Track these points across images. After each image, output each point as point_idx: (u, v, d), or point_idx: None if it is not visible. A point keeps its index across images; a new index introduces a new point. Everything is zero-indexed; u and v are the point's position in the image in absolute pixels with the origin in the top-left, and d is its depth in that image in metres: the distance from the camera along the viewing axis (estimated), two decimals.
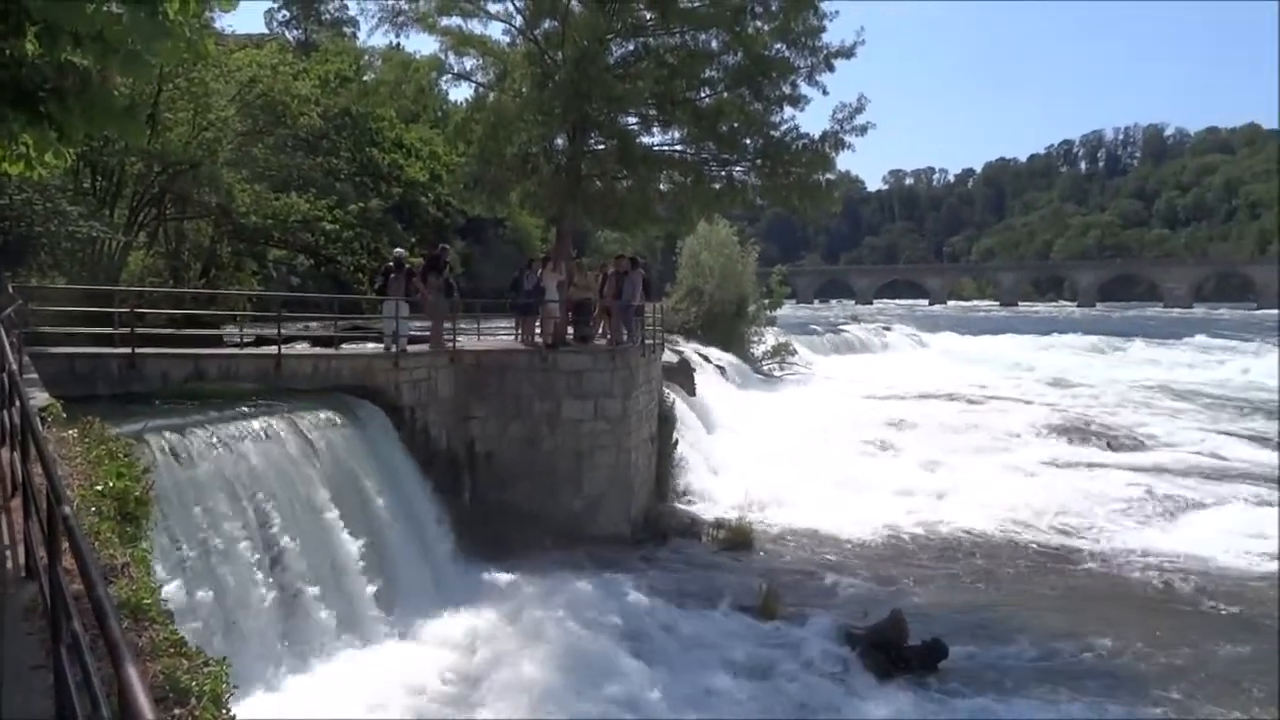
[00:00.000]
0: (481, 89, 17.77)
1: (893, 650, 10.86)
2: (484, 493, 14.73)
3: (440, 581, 11.95)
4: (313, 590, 9.34)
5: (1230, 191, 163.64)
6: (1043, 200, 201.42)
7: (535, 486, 14.82)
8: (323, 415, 11.18)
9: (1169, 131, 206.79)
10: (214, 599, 7.99)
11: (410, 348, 14.42)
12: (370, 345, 15.94)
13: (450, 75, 17.75)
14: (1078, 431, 26.18)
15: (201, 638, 7.01)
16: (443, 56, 17.40)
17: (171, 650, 3.76)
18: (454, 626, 10.81)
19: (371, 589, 10.25)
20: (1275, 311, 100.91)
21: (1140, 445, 25.00)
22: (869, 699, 9.90)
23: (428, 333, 15.43)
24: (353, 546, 10.13)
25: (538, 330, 16.02)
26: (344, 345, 15.34)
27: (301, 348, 14.59)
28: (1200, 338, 55.76)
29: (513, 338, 17.50)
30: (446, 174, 23.60)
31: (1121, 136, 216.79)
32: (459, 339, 15.54)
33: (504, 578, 12.50)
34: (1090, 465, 22.12)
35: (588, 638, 10.51)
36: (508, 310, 18.64)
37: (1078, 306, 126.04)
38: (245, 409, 10.49)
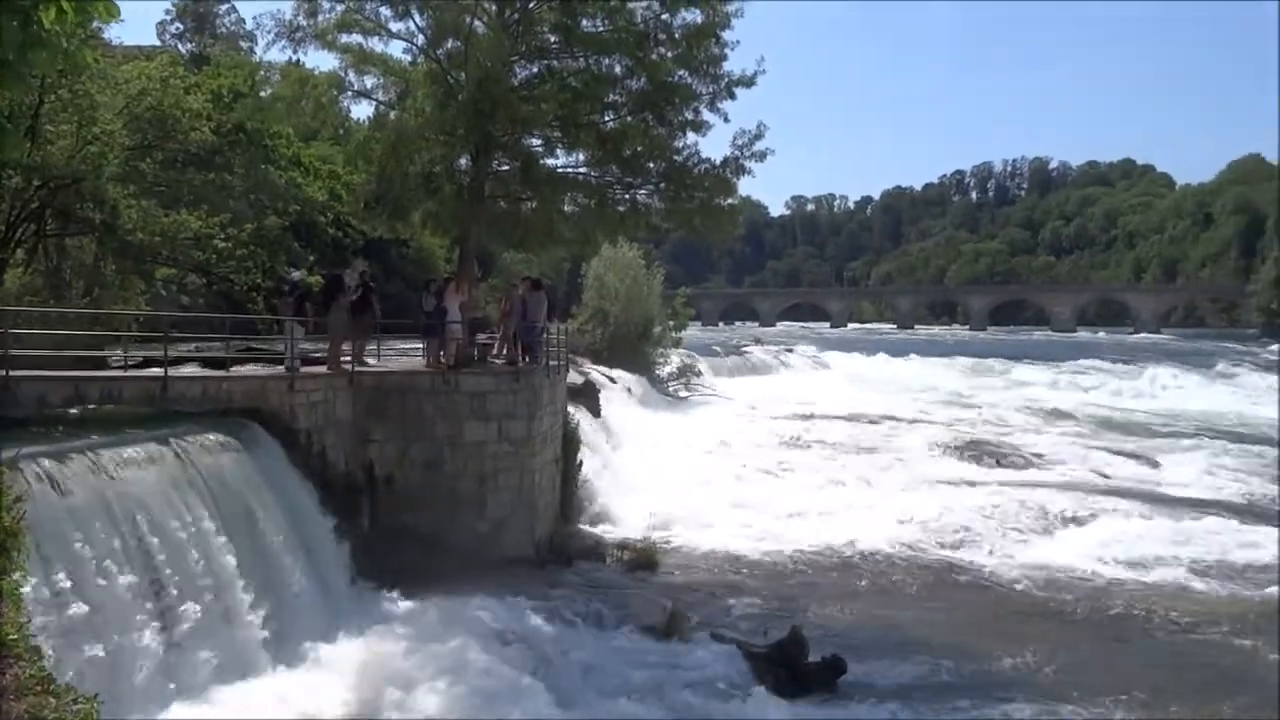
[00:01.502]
0: (383, 107, 17.53)
1: (793, 667, 11.01)
2: (384, 517, 14.41)
3: (336, 609, 11.61)
4: (198, 621, 8.96)
5: (1110, 222, 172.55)
6: (937, 228, 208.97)
7: (437, 510, 14.56)
8: (211, 439, 10.78)
9: (1053, 165, 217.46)
10: (91, 632, 7.59)
11: (306, 369, 14.06)
12: (266, 367, 15.45)
13: (351, 93, 17.46)
14: (970, 450, 27.09)
15: (76, 673, 6.66)
16: (342, 74, 17.10)
17: (38, 688, 3.58)
18: (350, 655, 10.47)
19: (262, 618, 9.87)
20: (1150, 335, 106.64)
21: (1028, 463, 26.00)
22: (770, 716, 10.00)
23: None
24: (241, 575, 9.75)
25: (442, 352, 15.80)
26: (238, 367, 14.84)
27: (191, 370, 14.07)
28: (1084, 360, 58.41)
29: (420, 359, 17.15)
30: (346, 193, 23.11)
31: (1009, 168, 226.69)
32: (368, 360, 15.27)
33: (404, 604, 12.22)
34: (981, 483, 22.89)
35: (489, 663, 10.34)
36: (410, 332, 18.39)
37: (970, 329, 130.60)
38: (129, 433, 10.03)
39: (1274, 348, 75.37)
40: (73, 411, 10.43)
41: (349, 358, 14.93)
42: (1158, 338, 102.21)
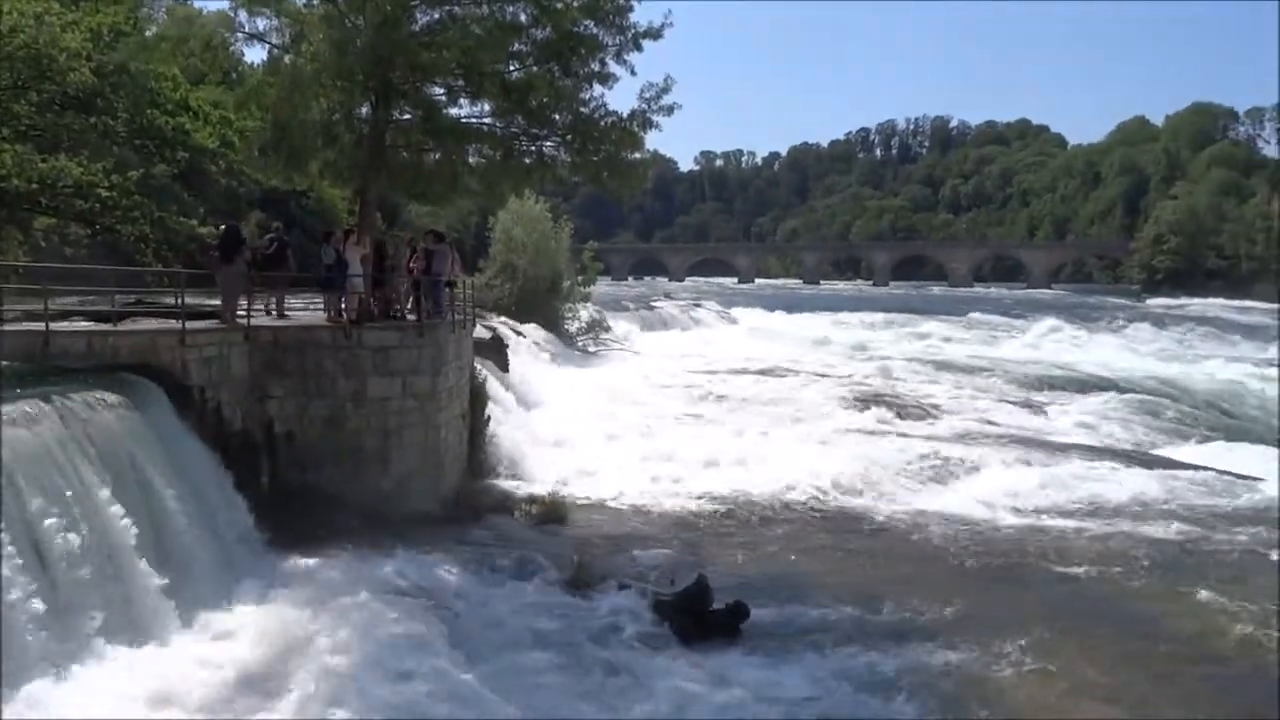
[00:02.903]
0: (276, 51, 16.81)
1: (698, 614, 11.23)
2: (284, 475, 14.09)
3: (235, 570, 11.34)
4: (87, 587, 8.65)
5: (1006, 180, 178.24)
6: (842, 184, 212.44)
7: (340, 467, 14.30)
8: (97, 396, 10.32)
9: (953, 124, 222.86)
10: None
11: (199, 324, 13.55)
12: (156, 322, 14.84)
13: (242, 34, 16.69)
14: (870, 401, 27.79)
15: None
16: (232, 14, 16.31)
17: None
18: (250, 615, 10.27)
19: (156, 582, 9.56)
20: (1041, 290, 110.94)
21: (925, 413, 26.84)
22: (675, 662, 10.19)
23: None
24: (132, 537, 9.41)
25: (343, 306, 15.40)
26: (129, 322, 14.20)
27: (76, 324, 13.41)
28: (979, 314, 60.45)
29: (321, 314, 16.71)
30: (239, 140, 22.17)
31: (912, 126, 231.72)
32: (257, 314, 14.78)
33: (306, 563, 11.99)
34: (881, 433, 23.57)
35: (394, 621, 10.26)
36: (310, 286, 17.87)
37: (873, 285, 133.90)
38: (7, 391, 9.53)
39: (1153, 302, 79.39)
40: None
41: (244, 312, 14.44)
42: (1048, 293, 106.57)
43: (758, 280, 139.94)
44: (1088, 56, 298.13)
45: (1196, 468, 20.48)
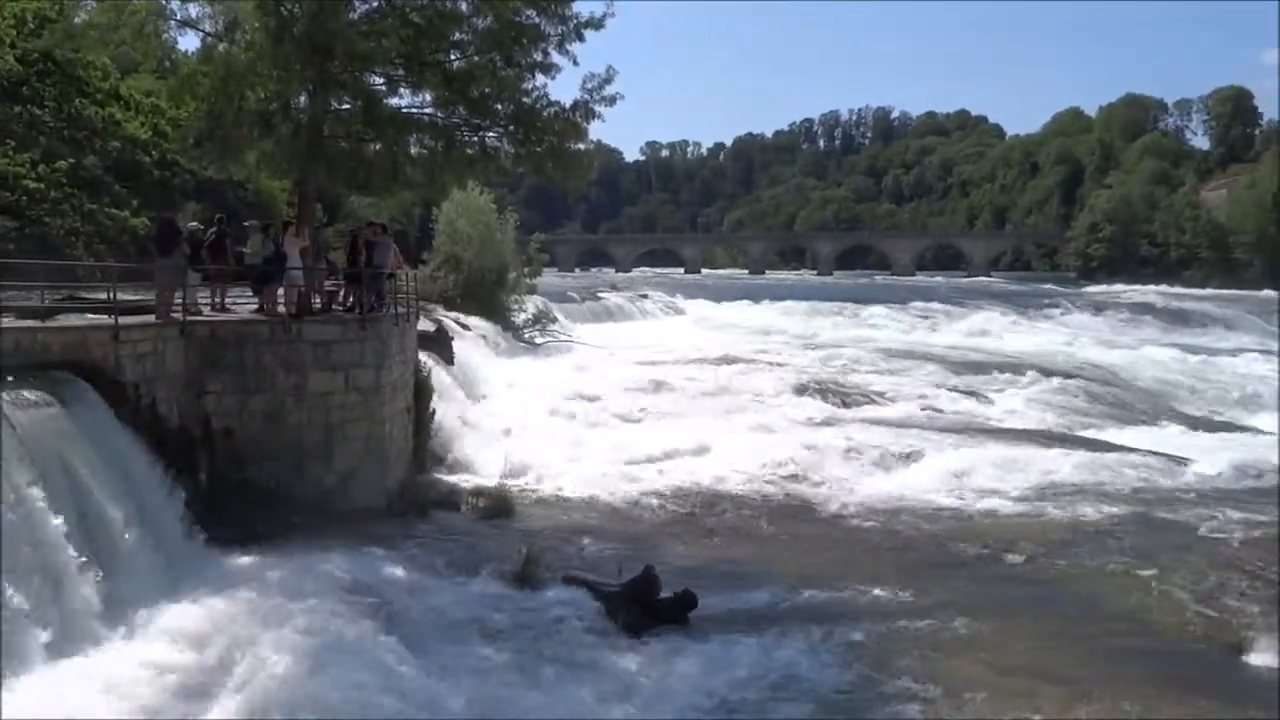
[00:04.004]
0: (211, 39, 16.42)
1: (646, 605, 11.24)
2: (223, 472, 13.80)
3: (175, 570, 11.07)
4: (16, 590, 8.38)
5: (946, 171, 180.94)
6: (787, 174, 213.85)
7: (281, 463, 14.06)
8: (26, 395, 9.99)
9: (895, 114, 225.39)
10: None
11: (134, 319, 13.18)
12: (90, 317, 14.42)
13: (175, 22, 16.27)
14: (817, 390, 28.06)
15: None
16: (165, 1, 15.91)
17: None
18: (189, 617, 10.01)
19: (89, 584, 9.31)
20: (981, 279, 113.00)
21: (871, 401, 27.19)
22: (622, 652, 10.20)
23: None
24: (64, 537, 9.14)
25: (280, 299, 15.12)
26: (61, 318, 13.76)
27: (6, 321, 12.96)
28: (921, 302, 61.36)
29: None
30: (172, 130, 21.62)
31: (855, 117, 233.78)
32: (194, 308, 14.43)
33: (246, 561, 11.79)
34: (827, 421, 23.83)
35: (339, 619, 10.11)
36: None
37: (818, 274, 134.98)
38: None
39: (1090, 289, 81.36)
40: None
41: (180, 307, 14.09)
42: (988, 280, 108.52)
43: (704, 270, 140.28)
44: (1024, 49, 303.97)
45: (1132, 450, 21.04)
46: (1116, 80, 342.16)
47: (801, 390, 27.99)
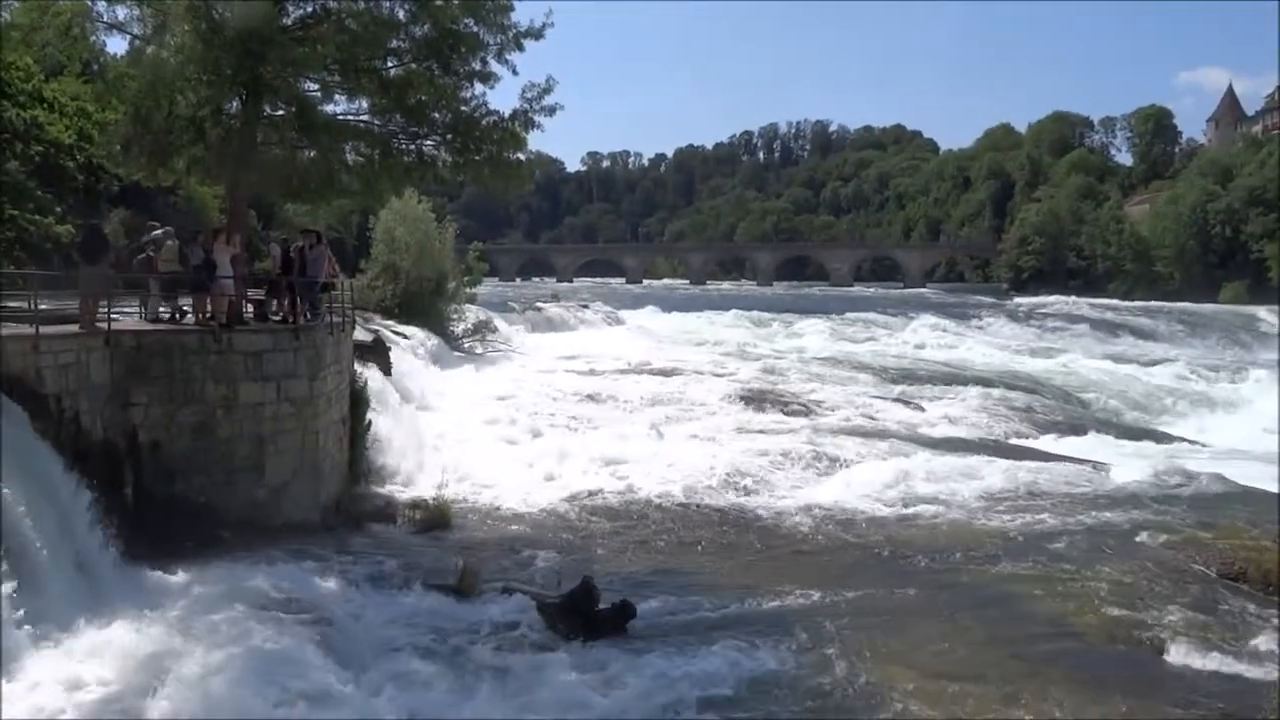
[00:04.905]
0: (139, 42, 16.04)
1: (584, 615, 11.22)
2: (150, 486, 13.41)
3: (98, 588, 10.74)
4: None
5: (883, 184, 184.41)
6: (727, 186, 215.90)
7: (210, 477, 13.71)
8: None
9: (833, 128, 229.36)
10: None
11: (56, 329, 12.78)
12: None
13: (102, 24, 15.86)
14: (756, 400, 28.32)
15: None
16: (91, 3, 15.51)
17: None
18: (115, 635, 9.73)
19: (12, 605, 8.98)
20: (917, 289, 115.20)
21: (808, 410, 27.50)
22: (560, 663, 10.15)
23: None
24: None
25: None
26: None
27: None
28: (858, 313, 62.32)
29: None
30: (98, 134, 21.05)
31: (794, 130, 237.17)
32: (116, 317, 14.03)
33: (175, 578, 11.48)
34: (766, 430, 24.03)
35: (270, 635, 9.89)
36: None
37: (758, 285, 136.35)
38: None
39: (1020, 300, 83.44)
40: None
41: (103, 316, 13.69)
42: (923, 291, 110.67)
43: (646, 281, 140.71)
44: (957, 66, 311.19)
45: (1057, 457, 21.60)
46: (1044, 98, 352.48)
47: (740, 399, 28.22)
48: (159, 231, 15.90)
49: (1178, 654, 10.75)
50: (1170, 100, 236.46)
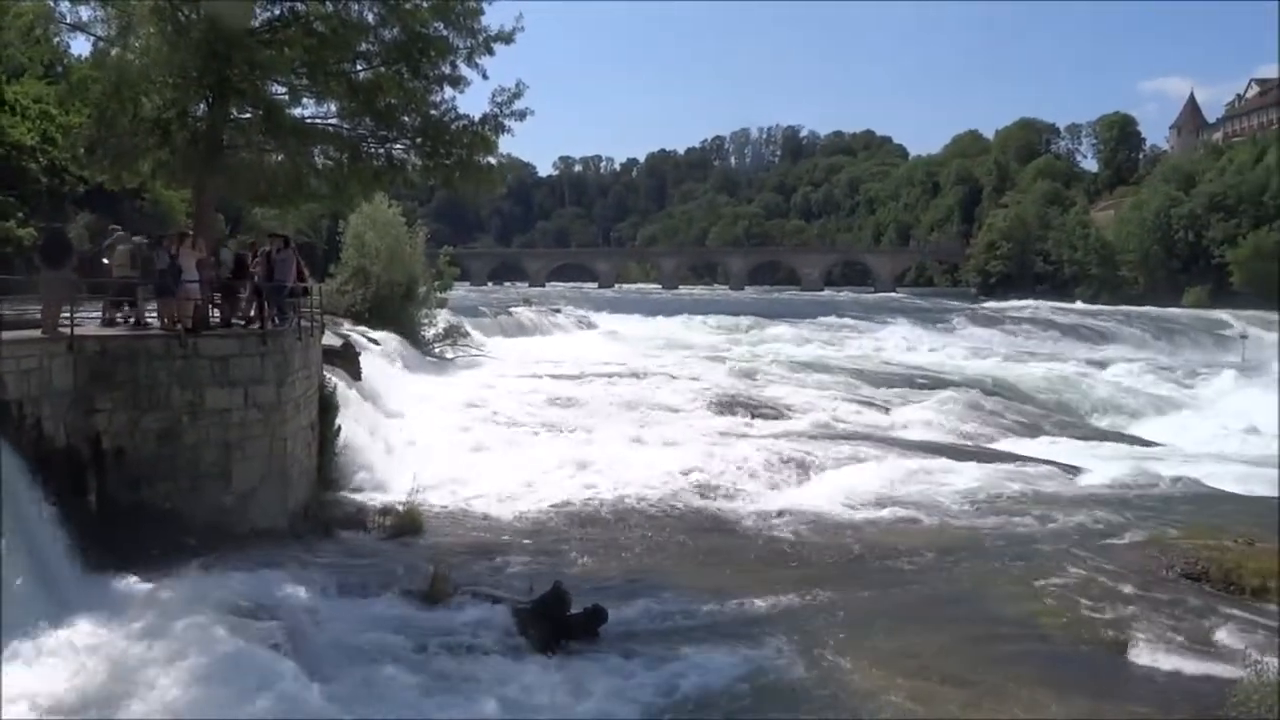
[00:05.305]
0: (103, 43, 15.83)
1: (556, 621, 11.18)
2: (115, 493, 13.19)
3: (60, 597, 10.56)
4: None
5: (853, 189, 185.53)
6: (699, 191, 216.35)
7: (176, 483, 13.51)
8: None
9: (804, 133, 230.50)
10: None
11: (16, 334, 12.57)
12: None
13: (65, 25, 15.65)
14: (727, 404, 28.42)
15: None
16: (53, 3, 15.30)
17: None
18: (76, 645, 9.56)
19: None
20: (887, 294, 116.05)
21: (779, 414, 27.62)
22: (530, 669, 10.11)
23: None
24: None
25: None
26: None
27: None
28: (831, 317, 62.69)
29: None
30: (61, 136, 20.72)
31: (765, 135, 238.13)
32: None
33: (139, 586, 11.29)
34: (738, 434, 24.10)
35: (237, 644, 9.73)
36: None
37: (730, 289, 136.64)
38: None
39: (989, 304, 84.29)
40: None
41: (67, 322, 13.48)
42: (893, 296, 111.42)
43: (618, 285, 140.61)
44: (926, 72, 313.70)
45: (1027, 460, 21.84)
46: (1011, 105, 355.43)
47: (711, 403, 28.30)
48: (115, 235, 15.70)
49: (1141, 652, 10.92)
50: (1134, 108, 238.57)
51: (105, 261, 15.03)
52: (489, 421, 24.49)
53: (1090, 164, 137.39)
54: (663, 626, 11.77)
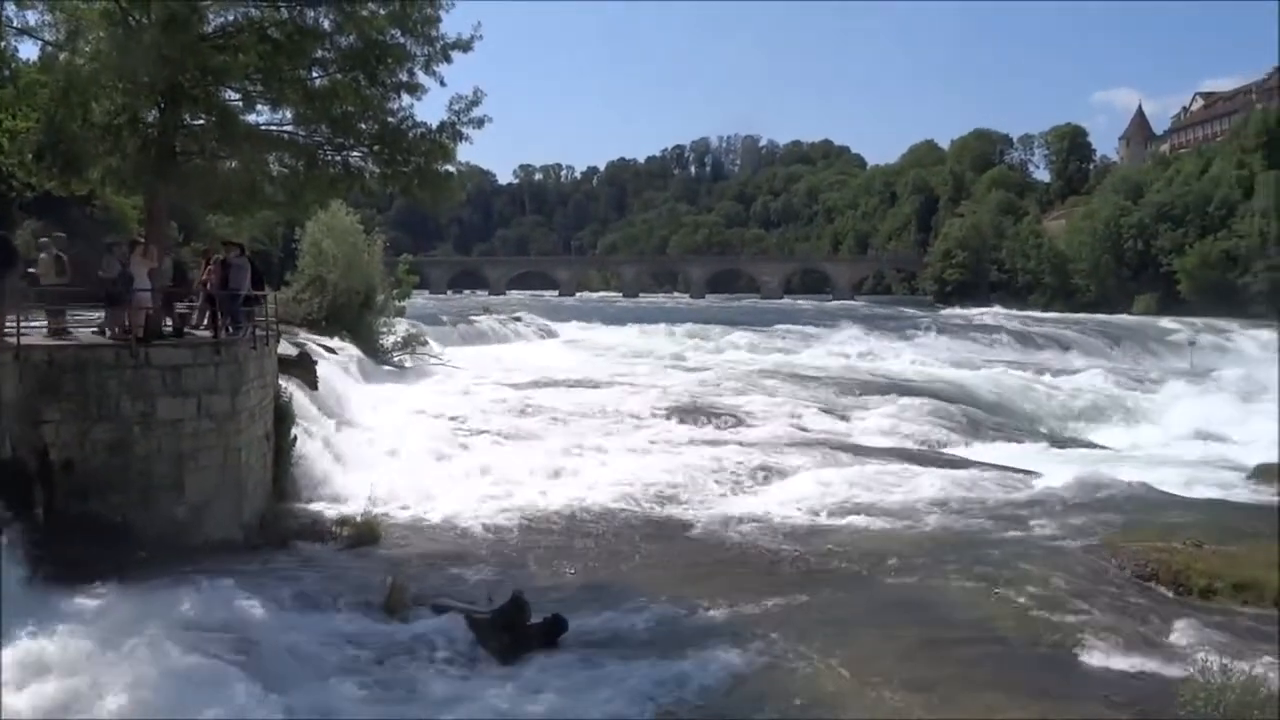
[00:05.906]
0: (50, 48, 15.53)
1: (515, 630, 11.13)
2: (63, 506, 12.92)
3: (5, 611, 10.30)
4: None
5: (812, 198, 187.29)
6: (660, 199, 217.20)
7: (127, 495, 13.26)
8: None
9: (763, 143, 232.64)
10: None
11: None
12: None
13: (12, 29, 15.33)
14: (688, 412, 28.44)
15: None
16: None
17: None
18: (23, 661, 9.35)
19: None
20: (845, 302, 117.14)
21: (739, 421, 27.70)
22: (489, 680, 10.06)
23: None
24: None
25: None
26: None
27: None
28: (788, 325, 63.05)
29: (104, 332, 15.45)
30: (7, 142, 20.30)
31: (725, 144, 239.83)
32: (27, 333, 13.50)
33: (89, 601, 11.05)
34: (698, 442, 24.16)
35: (189, 659, 9.58)
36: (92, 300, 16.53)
37: (690, 297, 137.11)
38: None
39: (945, 312, 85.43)
40: None
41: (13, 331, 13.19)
42: (852, 303, 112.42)
43: (579, 293, 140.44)
44: (882, 83, 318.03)
45: (984, 465, 22.13)
46: (966, 116, 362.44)
47: (672, 412, 28.32)
48: (40, 242, 15.40)
49: (1094, 654, 11.11)
50: (1085, 119, 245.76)
51: (31, 270, 14.72)
52: (448, 430, 24.29)
53: (1043, 174, 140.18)
54: (623, 634, 11.75)
